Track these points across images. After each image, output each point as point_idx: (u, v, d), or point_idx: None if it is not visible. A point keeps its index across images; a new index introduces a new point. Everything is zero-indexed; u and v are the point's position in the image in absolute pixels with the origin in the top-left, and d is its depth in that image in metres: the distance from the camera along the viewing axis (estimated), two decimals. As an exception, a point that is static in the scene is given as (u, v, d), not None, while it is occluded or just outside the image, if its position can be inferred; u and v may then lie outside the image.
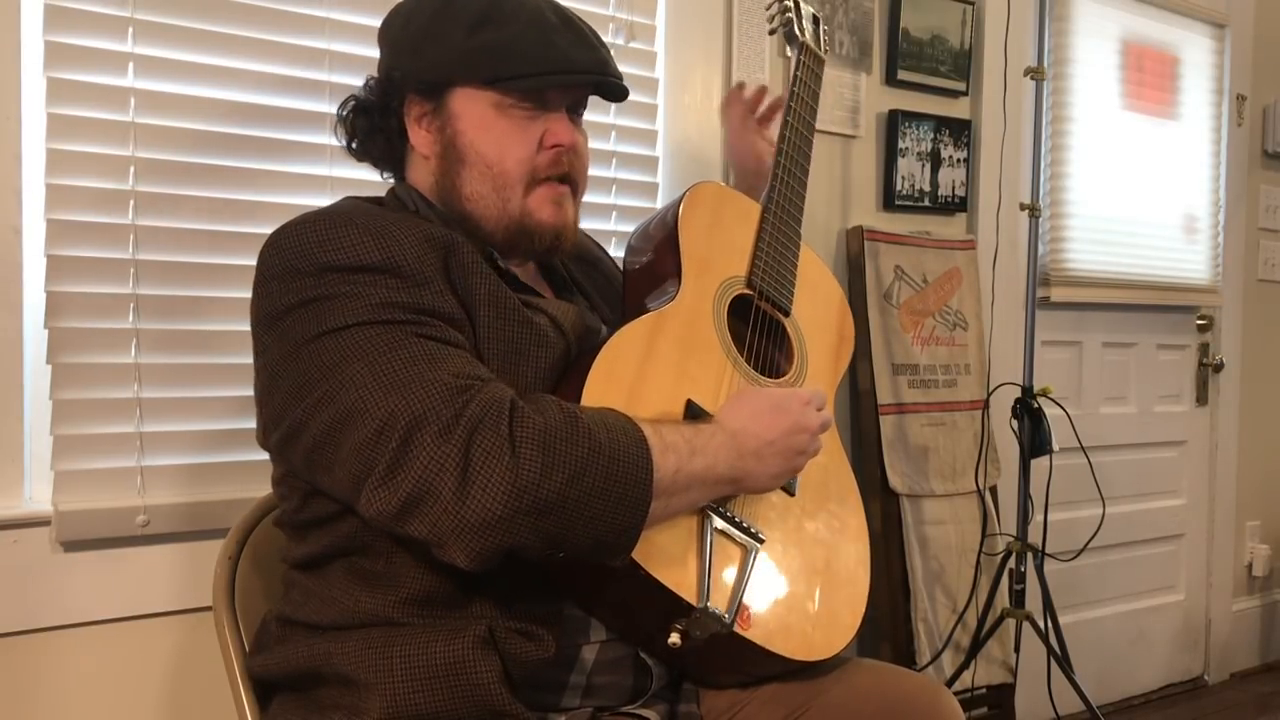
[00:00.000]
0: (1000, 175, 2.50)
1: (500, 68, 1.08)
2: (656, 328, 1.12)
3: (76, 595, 1.44)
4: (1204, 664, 3.19)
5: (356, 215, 1.02)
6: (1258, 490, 3.32)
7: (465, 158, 1.11)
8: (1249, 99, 3.16)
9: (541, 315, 1.09)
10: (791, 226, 1.32)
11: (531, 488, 0.89)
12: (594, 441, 0.93)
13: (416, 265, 0.99)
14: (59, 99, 1.42)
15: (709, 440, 1.03)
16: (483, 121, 1.10)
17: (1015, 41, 2.46)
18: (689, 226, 1.22)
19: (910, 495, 2.28)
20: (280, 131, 1.59)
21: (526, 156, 1.11)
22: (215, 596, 1.20)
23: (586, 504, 0.92)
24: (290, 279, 0.99)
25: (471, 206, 1.12)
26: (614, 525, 0.94)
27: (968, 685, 2.29)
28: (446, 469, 0.89)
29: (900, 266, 2.32)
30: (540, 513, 0.90)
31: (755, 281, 1.25)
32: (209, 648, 1.24)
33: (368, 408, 0.92)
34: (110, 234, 1.46)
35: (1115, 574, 2.93)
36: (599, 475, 0.92)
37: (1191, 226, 3.03)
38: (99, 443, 1.45)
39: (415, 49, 1.12)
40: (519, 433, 0.91)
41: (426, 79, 1.11)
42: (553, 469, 0.90)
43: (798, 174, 1.37)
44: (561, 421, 0.93)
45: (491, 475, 0.89)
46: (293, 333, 0.97)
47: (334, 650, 1.00)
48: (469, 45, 1.09)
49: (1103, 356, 2.90)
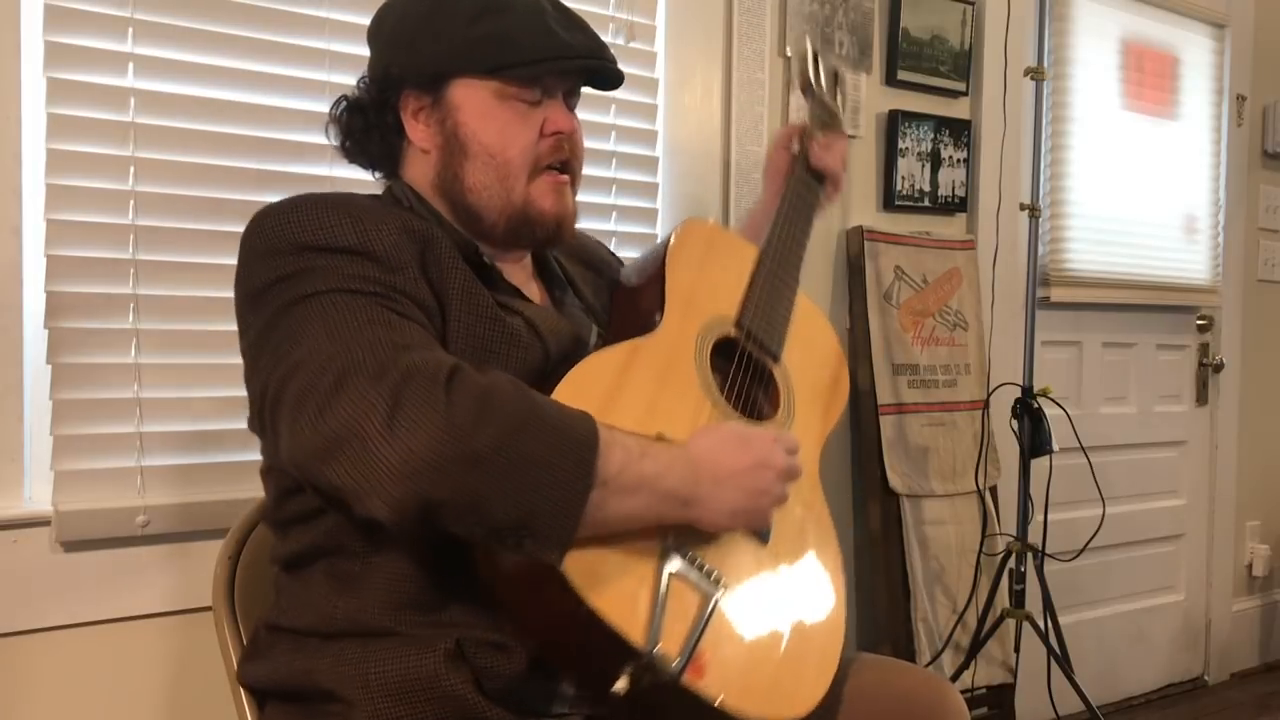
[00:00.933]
0: (1000, 175, 2.50)
1: (502, 56, 1.09)
2: (631, 357, 1.07)
3: (76, 595, 1.44)
4: (1204, 664, 3.19)
5: (337, 200, 1.03)
6: (1258, 490, 3.32)
7: (468, 149, 1.11)
8: (1249, 99, 3.16)
9: (517, 317, 1.08)
10: (790, 273, 1.28)
11: (462, 435, 0.85)
12: (536, 406, 0.90)
13: (392, 251, 0.99)
14: (59, 99, 1.42)
15: (664, 451, 0.98)
16: (484, 111, 1.10)
17: (1015, 41, 2.46)
18: (677, 261, 1.19)
19: (910, 495, 2.28)
20: (280, 131, 1.59)
21: (529, 144, 1.11)
22: (214, 597, 1.20)
23: (520, 469, 0.86)
24: (269, 258, 0.99)
25: (474, 198, 1.12)
26: (547, 501, 0.87)
27: (968, 685, 2.29)
28: (375, 410, 0.85)
29: (900, 267, 2.32)
30: (469, 464, 0.85)
31: (745, 323, 1.20)
32: (208, 648, 1.24)
33: (311, 358, 0.90)
34: (110, 234, 1.46)
35: (1115, 574, 2.93)
36: (537, 440, 0.87)
37: (1191, 226, 3.03)
38: (99, 443, 1.45)
39: (412, 43, 1.12)
40: (456, 384, 0.87)
41: (426, 72, 1.11)
42: (487, 420, 0.86)
43: (800, 223, 1.34)
44: (506, 382, 0.91)
45: (421, 418, 0.85)
46: (269, 308, 0.98)
47: (314, 668, 1.00)
48: (470, 35, 1.09)
49: (1103, 356, 2.90)
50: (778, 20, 2.16)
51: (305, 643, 1.04)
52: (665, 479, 0.96)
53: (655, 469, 0.95)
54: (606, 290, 1.32)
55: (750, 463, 1.02)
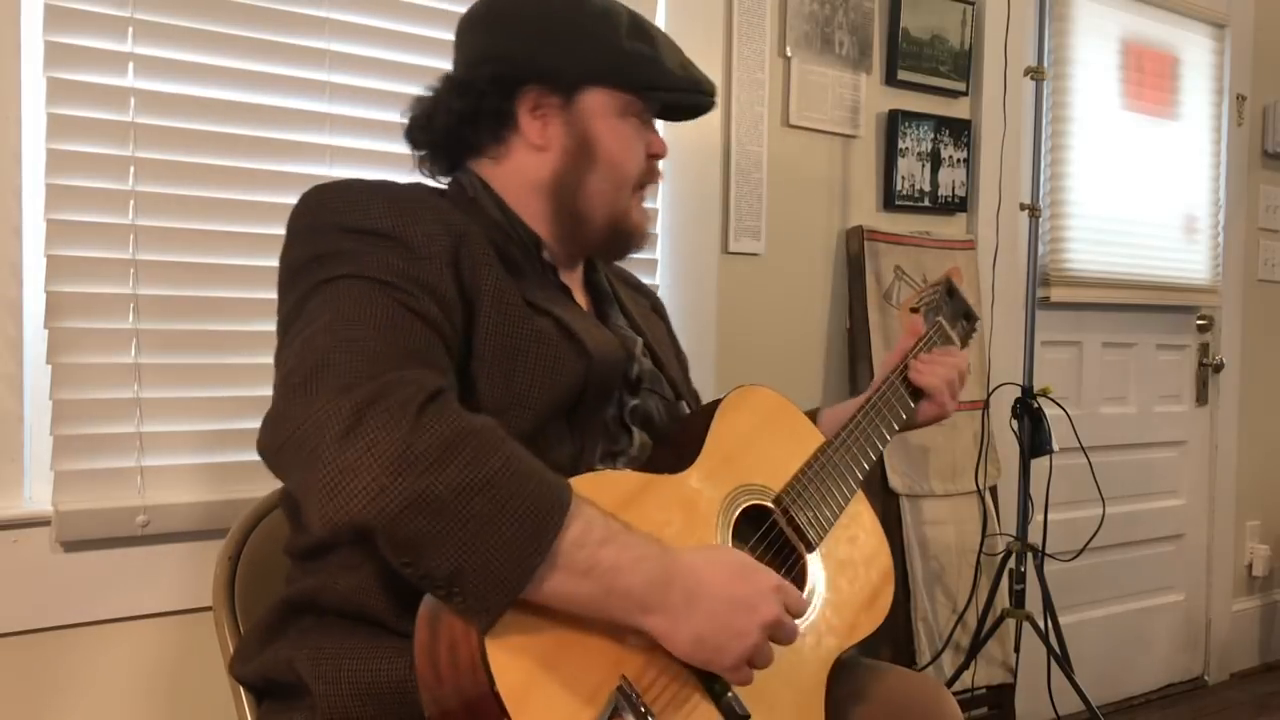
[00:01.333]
0: (1000, 175, 2.50)
1: (653, 77, 1.15)
2: (645, 487, 1.00)
3: (76, 595, 1.44)
4: (1204, 664, 3.19)
5: (386, 187, 1.05)
6: (1258, 490, 3.32)
7: (596, 156, 1.14)
8: (1249, 99, 3.16)
9: (545, 318, 1.07)
10: (851, 472, 1.21)
11: (415, 470, 0.81)
12: (509, 463, 0.85)
13: (424, 241, 1.00)
14: (59, 99, 1.42)
15: (637, 545, 0.89)
16: (613, 124, 1.15)
17: (1015, 41, 2.46)
18: (727, 419, 1.13)
19: (910, 495, 2.28)
20: (280, 131, 1.59)
21: (640, 161, 1.17)
22: (215, 597, 1.20)
23: (467, 524, 0.81)
24: (308, 236, 1.02)
25: (587, 204, 1.14)
26: (486, 565, 0.82)
27: (968, 685, 2.29)
28: (332, 421, 0.83)
29: (900, 267, 2.32)
30: (413, 502, 0.81)
31: (784, 501, 1.12)
32: (209, 648, 1.24)
33: (302, 348, 0.90)
34: (110, 234, 1.46)
35: (1115, 574, 2.93)
36: (496, 499, 0.83)
37: (1191, 226, 3.03)
38: (99, 443, 1.45)
39: (553, 39, 1.13)
40: (430, 415, 0.84)
41: (565, 72, 1.13)
42: (448, 462, 0.82)
43: (879, 428, 1.28)
44: (488, 431, 0.86)
45: (377, 440, 0.81)
46: (300, 286, 0.99)
47: (295, 657, 1.00)
48: (625, 50, 1.13)
49: (1103, 356, 2.90)
50: (778, 20, 2.16)
51: (299, 622, 1.04)
52: (624, 575, 0.87)
53: (614, 560, 0.87)
54: (657, 321, 1.35)
55: (739, 595, 0.92)
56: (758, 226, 2.15)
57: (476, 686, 0.83)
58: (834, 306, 2.30)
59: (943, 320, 1.45)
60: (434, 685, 0.86)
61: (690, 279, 2.03)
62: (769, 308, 2.19)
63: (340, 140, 1.63)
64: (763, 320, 2.18)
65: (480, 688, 0.83)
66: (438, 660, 0.86)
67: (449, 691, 0.85)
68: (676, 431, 1.18)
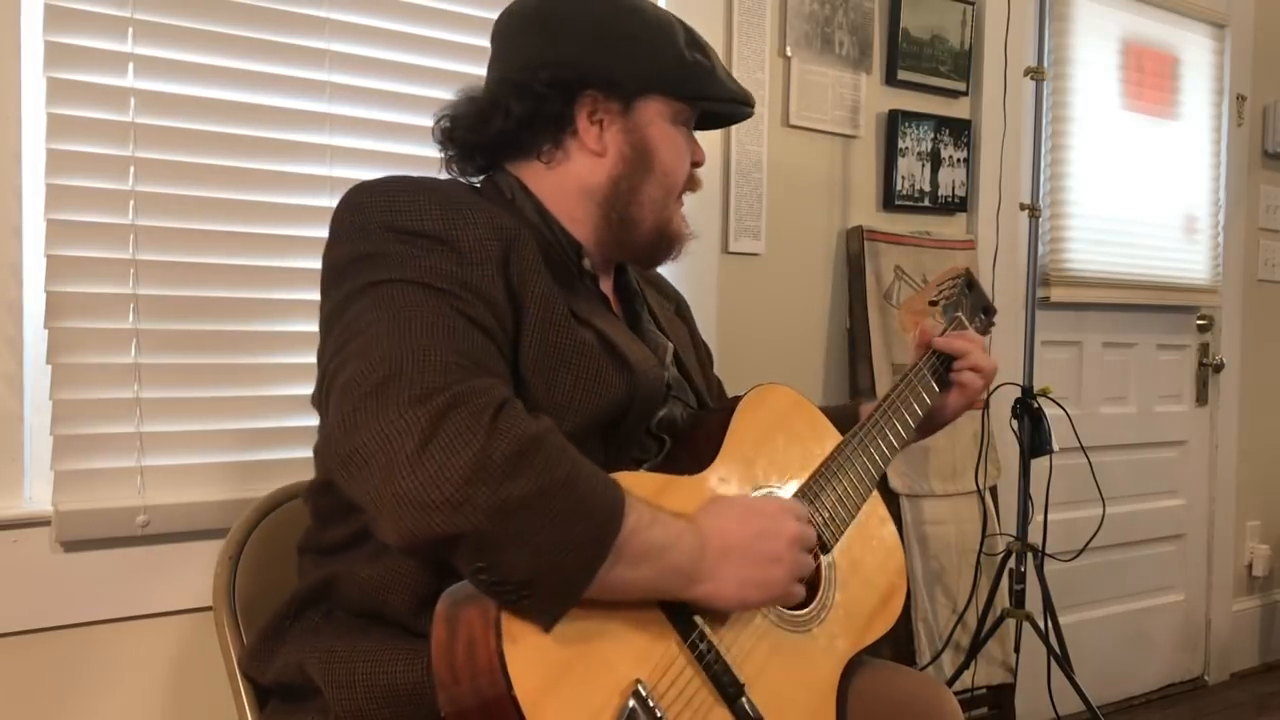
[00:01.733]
0: (1000, 175, 2.50)
1: (709, 88, 1.19)
2: (665, 487, 1.01)
3: (76, 595, 1.44)
4: (1204, 664, 3.19)
5: (433, 187, 1.03)
6: (1258, 490, 3.32)
7: (652, 164, 1.16)
8: (1249, 99, 3.16)
9: (588, 330, 1.07)
10: (868, 471, 1.21)
11: (494, 479, 0.82)
12: (574, 468, 0.88)
13: (474, 245, 0.99)
14: (59, 99, 1.42)
15: (674, 523, 0.94)
16: (666, 133, 1.17)
17: (1015, 41, 2.46)
18: (744, 420, 1.13)
19: (910, 495, 2.28)
20: (280, 131, 1.59)
21: (686, 170, 1.21)
22: (215, 597, 1.20)
23: (543, 528, 0.84)
24: (355, 234, 1.00)
25: (639, 210, 1.16)
26: (559, 567, 0.85)
27: (968, 685, 2.29)
28: (409, 433, 0.83)
29: (900, 266, 2.32)
30: (494, 510, 0.82)
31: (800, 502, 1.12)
32: (209, 648, 1.24)
33: (365, 353, 0.89)
34: (110, 234, 1.46)
35: (1115, 574, 2.93)
36: (566, 503, 0.85)
37: (1191, 226, 3.03)
38: (99, 443, 1.45)
39: (616, 46, 1.14)
40: (502, 425, 0.85)
41: (627, 80, 1.14)
42: (523, 470, 0.84)
43: (897, 426, 1.28)
44: (552, 435, 0.88)
45: (455, 452, 0.82)
46: (345, 285, 0.98)
47: (305, 660, 1.01)
48: (688, 61, 1.17)
49: (1103, 356, 2.90)
50: (778, 20, 2.16)
51: (307, 616, 1.05)
52: (670, 553, 0.93)
53: (661, 540, 0.92)
54: (680, 323, 1.37)
55: (756, 530, 0.99)
56: (758, 226, 2.15)
57: (494, 688, 0.84)
58: (834, 306, 2.30)
59: (961, 315, 1.45)
60: (450, 685, 0.87)
61: (690, 279, 2.03)
62: (769, 308, 2.19)
63: (340, 140, 1.63)
64: (763, 320, 2.18)
65: (497, 689, 0.83)
66: (455, 660, 0.87)
67: (466, 691, 0.86)
68: (695, 432, 1.18)
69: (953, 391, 1.37)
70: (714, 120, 1.27)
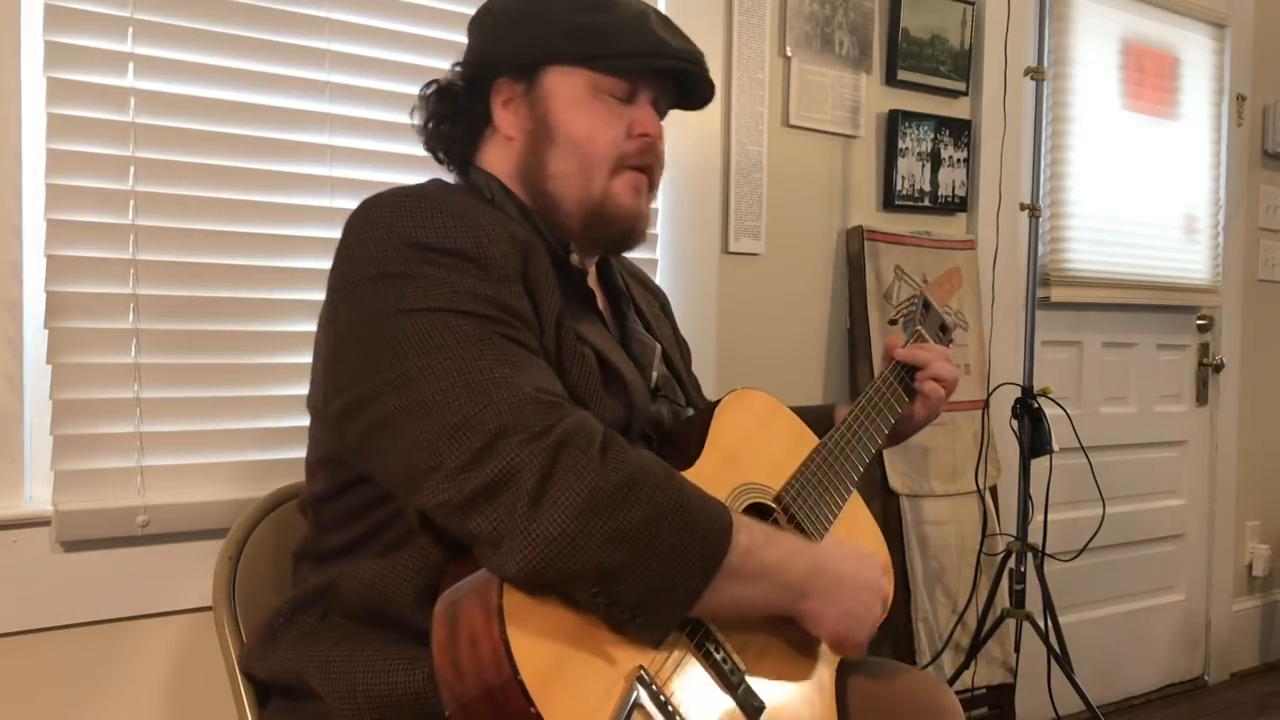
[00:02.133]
0: (1000, 175, 2.50)
1: (600, 45, 1.11)
2: None
3: (76, 595, 1.44)
4: (1204, 664, 3.19)
5: (449, 200, 1.02)
6: (1258, 490, 3.32)
7: (554, 136, 1.11)
8: (1249, 99, 3.16)
9: (586, 346, 1.07)
10: (847, 470, 1.22)
11: (610, 511, 0.87)
12: (682, 493, 0.92)
13: (500, 260, 0.99)
14: (59, 99, 1.42)
15: (787, 542, 1.00)
16: (575, 101, 1.12)
17: (1015, 41, 2.46)
18: (724, 421, 1.15)
19: (910, 495, 2.28)
20: (280, 131, 1.59)
21: (614, 140, 1.12)
22: (215, 596, 1.20)
23: (656, 554, 0.88)
24: (376, 249, 0.99)
25: (554, 185, 1.12)
26: (670, 589, 0.90)
27: (968, 685, 2.29)
28: (529, 468, 0.87)
29: (900, 266, 2.32)
30: (610, 540, 0.87)
31: (784, 499, 1.14)
32: (209, 648, 1.24)
33: (449, 402, 0.90)
34: (110, 234, 1.46)
35: (1115, 574, 2.93)
36: (677, 528, 0.90)
37: (1191, 226, 3.03)
38: (99, 443, 1.45)
39: (513, 28, 1.13)
40: (611, 457, 0.89)
41: (523, 58, 1.12)
42: (635, 499, 0.88)
43: (871, 431, 1.29)
44: (655, 463, 0.93)
45: (572, 486, 0.86)
46: (369, 304, 0.97)
47: (303, 669, 1.01)
48: (572, 22, 1.11)
49: (1103, 356, 2.90)
50: (778, 20, 2.16)
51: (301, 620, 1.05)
52: (786, 570, 0.98)
53: (777, 558, 0.97)
54: (665, 320, 1.35)
55: (868, 576, 1.05)
56: (758, 226, 2.15)
57: (499, 676, 0.84)
58: (834, 306, 2.30)
59: (922, 330, 1.47)
60: (454, 681, 0.87)
61: (690, 279, 2.03)
62: (769, 308, 2.19)
63: (340, 140, 1.63)
64: (763, 320, 2.18)
65: (503, 677, 0.84)
66: (458, 656, 0.87)
67: (471, 685, 0.86)
68: (677, 433, 1.18)
69: (917, 401, 1.37)
70: (692, 100, 1.21)
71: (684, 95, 1.20)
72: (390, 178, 1.63)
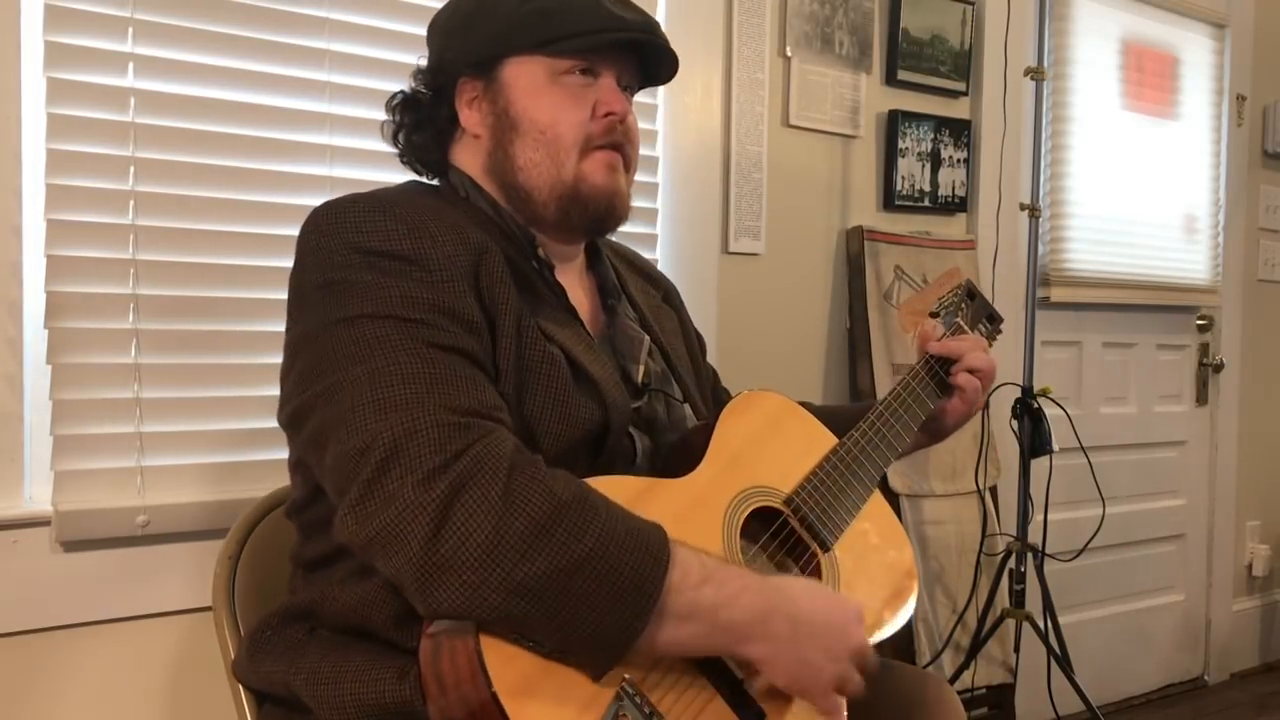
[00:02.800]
0: (1000, 175, 2.50)
1: (550, 29, 1.09)
2: (648, 490, 1.00)
3: (76, 595, 1.44)
4: (1204, 664, 3.19)
5: (398, 204, 1.02)
6: (1258, 490, 3.32)
7: (518, 126, 1.10)
8: (1249, 99, 3.16)
9: (554, 346, 1.05)
10: (867, 471, 1.19)
11: (509, 561, 0.81)
12: (605, 534, 0.85)
13: (444, 262, 0.98)
14: (59, 99, 1.42)
15: (735, 579, 0.91)
16: (535, 89, 1.10)
17: (1015, 41, 2.46)
18: (729, 423, 1.12)
19: (910, 495, 2.28)
20: (280, 131, 1.59)
21: (580, 121, 1.10)
22: (215, 596, 1.20)
23: (568, 605, 0.83)
24: (320, 256, 0.99)
25: (524, 176, 1.11)
26: (593, 638, 0.84)
27: (968, 685, 2.29)
28: (421, 516, 0.83)
29: (900, 266, 2.32)
30: (511, 592, 0.82)
31: (795, 502, 1.11)
32: (209, 648, 1.24)
33: (356, 423, 0.88)
34: (110, 234, 1.46)
35: (1115, 574, 2.93)
36: (595, 578, 0.83)
37: (1191, 226, 3.03)
38: (99, 443, 1.45)
39: (466, 27, 1.13)
40: (516, 497, 0.84)
41: (479, 55, 1.12)
42: (541, 548, 0.82)
43: (897, 428, 1.26)
44: (575, 498, 0.86)
45: (471, 535, 0.82)
46: (314, 313, 0.97)
47: (291, 682, 1.00)
48: (522, 11, 1.10)
49: (1103, 356, 2.90)
50: (778, 20, 2.16)
51: (289, 632, 1.04)
52: (724, 610, 0.89)
53: (714, 598, 0.89)
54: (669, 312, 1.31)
55: (835, 621, 0.96)
56: (758, 226, 2.15)
57: (477, 692, 0.84)
58: (834, 306, 2.30)
59: (961, 322, 1.43)
60: (439, 696, 0.87)
61: (690, 279, 2.03)
62: (769, 308, 2.19)
63: (340, 140, 1.63)
64: (763, 320, 2.18)
65: (481, 693, 0.84)
66: (441, 670, 0.87)
67: (454, 701, 0.86)
68: (681, 438, 1.17)
69: (953, 397, 1.34)
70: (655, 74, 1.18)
71: (648, 70, 1.19)
72: (390, 178, 1.62)
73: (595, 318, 1.19)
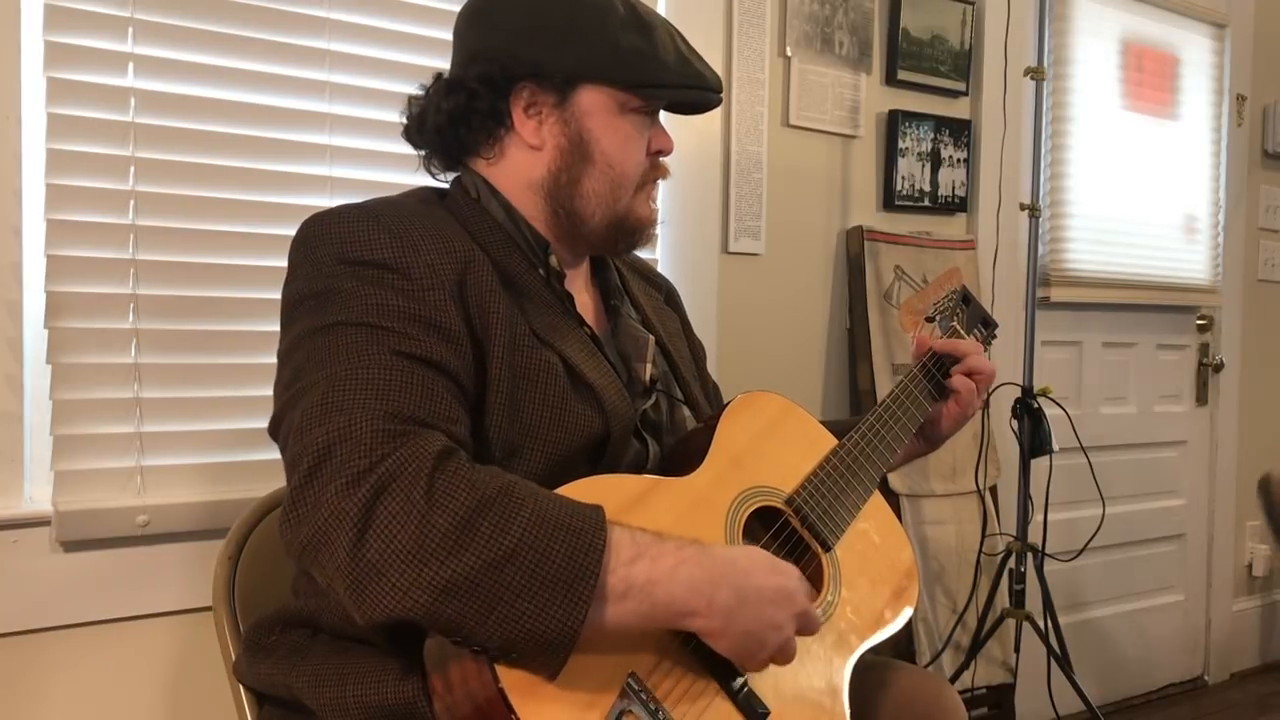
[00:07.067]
0: (1000, 175, 2.50)
1: (649, 73, 1.10)
2: (651, 489, 1.00)
3: (76, 595, 1.44)
4: (1204, 664, 3.19)
5: (384, 213, 1.02)
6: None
7: (592, 156, 1.11)
8: (1249, 99, 3.16)
9: (551, 352, 1.05)
10: (868, 472, 1.20)
11: (435, 560, 0.80)
12: (531, 528, 0.83)
13: (426, 272, 0.98)
14: (59, 99, 1.42)
15: (671, 554, 0.89)
16: (610, 123, 1.11)
17: (1015, 41, 2.46)
18: (731, 422, 1.13)
19: (910, 495, 2.28)
20: (280, 131, 1.59)
21: (642, 160, 1.14)
22: (215, 597, 1.20)
23: (501, 601, 0.81)
24: (308, 268, 1.00)
25: (583, 203, 1.12)
26: (532, 633, 0.82)
27: (968, 685, 2.29)
28: (344, 522, 0.81)
29: (900, 266, 2.32)
30: (440, 592, 0.80)
31: (796, 502, 1.12)
32: (209, 648, 1.24)
33: (303, 424, 0.88)
34: (110, 234, 1.46)
35: (1115, 574, 2.93)
36: (525, 570, 0.81)
37: (1191, 226, 3.03)
38: (99, 443, 1.45)
39: (549, 38, 1.10)
40: (439, 496, 0.82)
41: (562, 70, 1.09)
42: (469, 544, 0.81)
43: (896, 430, 1.27)
44: (500, 492, 0.85)
45: (394, 538, 0.81)
46: (299, 323, 0.98)
47: (292, 684, 1.00)
48: (620, 45, 1.09)
49: (1103, 356, 2.90)
50: (778, 20, 2.16)
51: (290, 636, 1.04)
52: (661, 585, 0.87)
53: (648, 574, 0.87)
54: (670, 313, 1.32)
55: (778, 586, 0.94)
56: (758, 226, 2.15)
57: (484, 689, 0.84)
58: (834, 306, 2.30)
59: (957, 326, 1.44)
60: (445, 694, 0.87)
61: (690, 279, 2.03)
62: (769, 308, 2.19)
63: (340, 140, 1.64)
64: (763, 320, 2.18)
65: (488, 689, 0.84)
66: (447, 670, 0.87)
67: (460, 698, 0.86)
68: (682, 439, 1.17)
69: (948, 401, 1.34)
70: (686, 106, 1.19)
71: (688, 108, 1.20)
72: (390, 178, 1.63)
73: (600, 320, 1.20)
